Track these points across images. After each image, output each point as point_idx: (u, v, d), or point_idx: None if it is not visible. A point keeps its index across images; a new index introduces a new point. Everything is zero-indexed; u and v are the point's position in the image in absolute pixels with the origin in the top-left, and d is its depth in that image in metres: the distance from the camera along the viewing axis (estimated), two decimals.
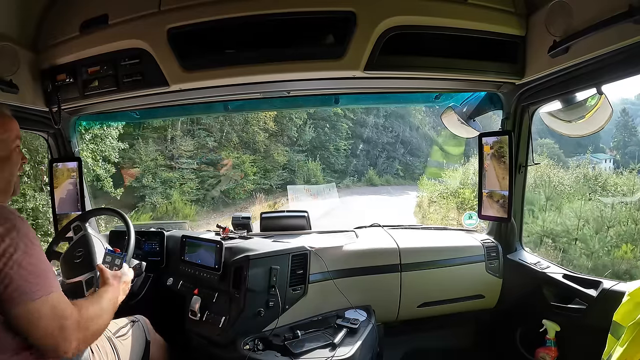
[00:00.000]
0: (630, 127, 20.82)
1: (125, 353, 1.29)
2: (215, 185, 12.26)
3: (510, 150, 1.67)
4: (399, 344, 1.99)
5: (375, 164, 17.77)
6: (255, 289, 1.50)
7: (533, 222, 6.75)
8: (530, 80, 1.51)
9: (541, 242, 6.48)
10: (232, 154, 12.99)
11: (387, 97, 2.05)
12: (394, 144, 18.46)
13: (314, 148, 15.75)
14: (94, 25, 1.47)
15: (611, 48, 1.11)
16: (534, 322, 1.59)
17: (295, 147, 15.04)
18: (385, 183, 17.20)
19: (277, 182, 13.81)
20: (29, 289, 0.82)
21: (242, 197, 12.76)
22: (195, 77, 1.43)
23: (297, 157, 14.94)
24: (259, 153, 13.84)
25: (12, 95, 1.42)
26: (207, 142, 12.47)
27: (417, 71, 1.46)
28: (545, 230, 6.63)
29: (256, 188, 13.07)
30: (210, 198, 12.16)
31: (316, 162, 15.31)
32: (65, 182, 1.93)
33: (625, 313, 1.04)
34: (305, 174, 14.72)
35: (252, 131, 13.49)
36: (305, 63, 1.39)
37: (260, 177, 13.44)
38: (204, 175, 12.20)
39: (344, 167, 16.65)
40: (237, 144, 13.38)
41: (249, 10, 1.33)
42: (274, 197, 13.23)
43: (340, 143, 16.53)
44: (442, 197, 10.40)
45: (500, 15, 1.41)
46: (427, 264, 1.81)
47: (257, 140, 13.66)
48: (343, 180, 15.99)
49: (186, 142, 12.08)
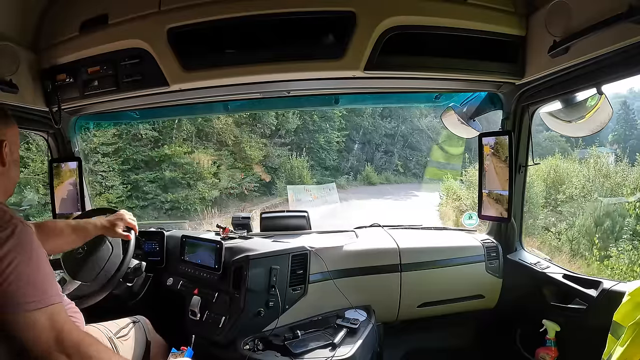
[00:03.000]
0: (630, 120, 20.77)
1: (126, 353, 1.29)
2: (157, 195, 8.52)
3: (510, 150, 1.67)
4: (399, 344, 1.99)
5: (372, 159, 15.07)
6: (255, 289, 1.50)
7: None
8: (530, 80, 1.51)
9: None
10: (181, 148, 9.54)
11: (387, 97, 2.05)
12: (392, 136, 15.65)
13: (301, 140, 12.70)
14: (94, 25, 1.47)
15: (611, 48, 1.11)
16: (534, 322, 1.59)
17: (275, 139, 12.14)
18: (384, 181, 14.91)
19: (252, 185, 10.84)
20: (25, 299, 0.80)
21: (199, 208, 9.25)
22: (195, 77, 1.44)
23: (277, 151, 12.01)
24: (226, 147, 10.56)
25: (12, 95, 1.42)
26: (140, 132, 8.37)
27: (417, 71, 1.47)
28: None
29: (218, 196, 9.84)
30: (153, 211, 8.46)
31: (301, 158, 12.44)
32: (66, 182, 1.93)
33: (626, 313, 1.04)
34: (289, 173, 11.95)
35: (215, 117, 9.85)
36: (305, 63, 1.39)
37: (229, 179, 10.41)
38: (138, 180, 8.43)
39: (337, 163, 13.84)
40: (191, 134, 9.96)
41: (249, 10, 1.34)
42: (250, 203, 10.42)
43: (332, 134, 13.51)
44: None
45: (500, 15, 1.41)
46: (427, 264, 1.81)
47: (223, 130, 10.28)
48: (336, 179, 13.45)
49: (105, 132, 7.55)
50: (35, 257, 0.85)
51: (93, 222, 1.38)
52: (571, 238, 8.57)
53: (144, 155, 9.12)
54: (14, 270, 0.80)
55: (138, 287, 1.67)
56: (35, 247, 0.86)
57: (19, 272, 0.80)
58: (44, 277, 0.85)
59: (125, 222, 1.43)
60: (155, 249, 1.85)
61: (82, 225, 1.36)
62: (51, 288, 0.85)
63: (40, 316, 0.81)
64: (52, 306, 0.83)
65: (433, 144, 15.73)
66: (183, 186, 9.44)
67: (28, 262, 0.83)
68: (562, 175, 10.27)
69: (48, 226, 1.28)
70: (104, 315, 1.35)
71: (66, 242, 1.32)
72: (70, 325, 0.86)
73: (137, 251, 1.76)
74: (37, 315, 0.81)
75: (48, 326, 0.82)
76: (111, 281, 1.44)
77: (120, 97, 1.60)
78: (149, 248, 1.85)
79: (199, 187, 9.47)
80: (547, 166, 10.47)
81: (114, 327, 1.33)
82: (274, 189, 11.82)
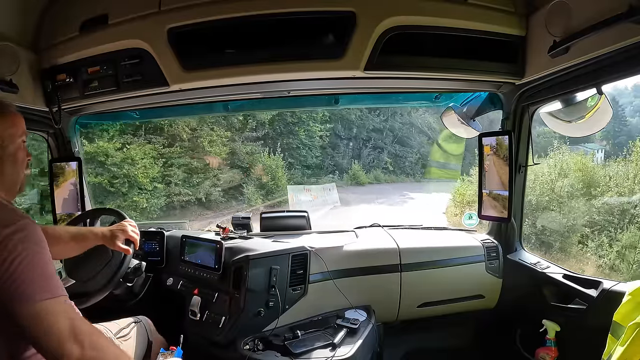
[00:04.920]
0: (619, 117, 20.66)
1: (128, 353, 1.29)
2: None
3: (510, 151, 1.67)
4: (399, 344, 1.99)
5: (360, 155, 13.27)
6: (255, 289, 1.50)
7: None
8: (530, 81, 1.51)
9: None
10: (109, 144, 7.11)
11: (387, 97, 2.05)
12: (381, 130, 13.70)
13: (278, 135, 10.55)
14: (94, 25, 1.47)
15: (611, 48, 1.11)
16: (534, 322, 1.59)
17: (246, 133, 9.87)
18: (374, 181, 13.13)
19: (213, 191, 8.55)
20: (36, 290, 0.81)
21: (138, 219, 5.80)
22: (195, 77, 1.44)
23: (246, 147, 9.77)
24: (178, 141, 8.19)
25: (12, 95, 1.42)
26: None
27: (417, 71, 1.47)
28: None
29: (166, 204, 7.60)
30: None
31: (276, 156, 10.18)
32: (67, 182, 1.93)
33: (626, 313, 1.04)
34: (260, 174, 9.83)
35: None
36: (305, 63, 1.39)
37: (183, 183, 8.16)
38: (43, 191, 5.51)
39: (320, 160, 11.87)
40: (135, 126, 7.58)
41: (249, 10, 1.34)
42: (213, 211, 8.37)
43: (314, 127, 11.46)
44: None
45: (500, 15, 1.41)
46: (427, 264, 1.81)
47: (176, 120, 7.78)
48: (319, 179, 11.53)
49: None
50: (45, 252, 0.86)
51: (94, 232, 1.36)
52: (623, 253, 6.87)
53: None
54: (26, 263, 0.81)
55: (138, 287, 1.67)
56: (43, 242, 0.87)
57: (32, 264, 0.82)
58: (51, 269, 0.87)
59: (126, 234, 1.37)
60: (155, 249, 1.85)
61: (82, 234, 1.34)
62: (58, 280, 0.87)
63: (55, 305, 0.82)
64: (63, 296, 0.85)
65: (425, 139, 14.23)
66: (115, 194, 7.24)
67: (39, 255, 0.84)
68: (591, 175, 8.19)
69: (47, 232, 1.25)
70: (104, 316, 1.35)
71: (64, 249, 1.30)
72: (80, 316, 0.88)
73: (137, 251, 1.76)
74: (52, 304, 0.82)
75: (63, 315, 0.83)
76: (111, 281, 1.45)
77: (120, 97, 1.59)
78: (149, 248, 1.85)
79: (132, 196, 6.99)
80: (567, 164, 8.48)
81: (115, 328, 1.33)
82: (239, 195, 9.59)
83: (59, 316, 0.82)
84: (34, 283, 0.81)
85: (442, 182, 12.70)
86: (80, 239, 1.33)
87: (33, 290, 0.80)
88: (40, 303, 0.80)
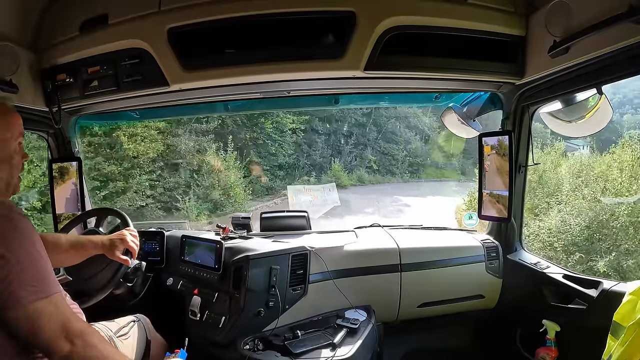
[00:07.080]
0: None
1: (126, 352, 1.28)
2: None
3: (510, 150, 1.67)
4: (399, 344, 1.99)
5: (340, 153, 11.36)
6: (255, 289, 1.50)
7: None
8: (530, 81, 1.51)
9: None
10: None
11: (387, 97, 2.05)
12: (363, 125, 11.83)
13: (238, 128, 8.39)
14: (94, 25, 1.47)
15: (611, 48, 1.11)
16: (534, 322, 1.59)
17: (192, 124, 7.76)
18: (357, 182, 11.32)
19: (129, 204, 6.59)
20: (29, 290, 0.81)
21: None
22: (195, 77, 1.44)
23: (191, 143, 7.60)
24: (87, 135, 6.53)
25: (12, 95, 1.42)
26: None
27: (417, 71, 1.47)
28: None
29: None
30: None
31: (231, 154, 8.13)
32: (68, 182, 1.93)
33: (626, 313, 1.04)
34: (206, 182, 7.65)
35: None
36: (305, 63, 1.39)
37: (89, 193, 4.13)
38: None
39: (295, 160, 10.06)
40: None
41: (249, 10, 1.34)
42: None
43: (285, 119, 9.50)
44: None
45: (500, 15, 1.41)
46: (427, 264, 1.81)
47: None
48: (293, 181, 9.82)
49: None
50: (37, 248, 0.86)
51: (93, 241, 1.35)
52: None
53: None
54: (19, 262, 0.81)
55: (138, 287, 1.67)
56: (36, 238, 0.87)
57: (21, 266, 0.81)
58: (45, 266, 0.86)
59: (126, 244, 1.36)
60: (155, 249, 1.85)
61: (81, 243, 1.33)
62: (51, 277, 0.87)
63: (46, 305, 0.82)
64: (55, 295, 0.85)
65: (412, 135, 12.72)
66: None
67: (32, 253, 0.84)
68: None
69: (47, 239, 1.22)
70: (105, 315, 1.36)
71: (63, 257, 1.30)
72: (73, 314, 0.88)
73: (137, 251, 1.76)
74: (43, 304, 0.82)
75: (54, 314, 0.83)
76: (112, 281, 1.45)
77: (120, 97, 1.59)
78: (149, 248, 1.85)
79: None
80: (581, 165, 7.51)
81: (114, 326, 1.33)
82: (172, 205, 7.48)
83: (51, 316, 0.82)
84: (23, 286, 0.80)
85: (435, 183, 11.90)
86: (79, 247, 1.32)
87: (22, 294, 0.80)
88: (32, 304, 0.81)
